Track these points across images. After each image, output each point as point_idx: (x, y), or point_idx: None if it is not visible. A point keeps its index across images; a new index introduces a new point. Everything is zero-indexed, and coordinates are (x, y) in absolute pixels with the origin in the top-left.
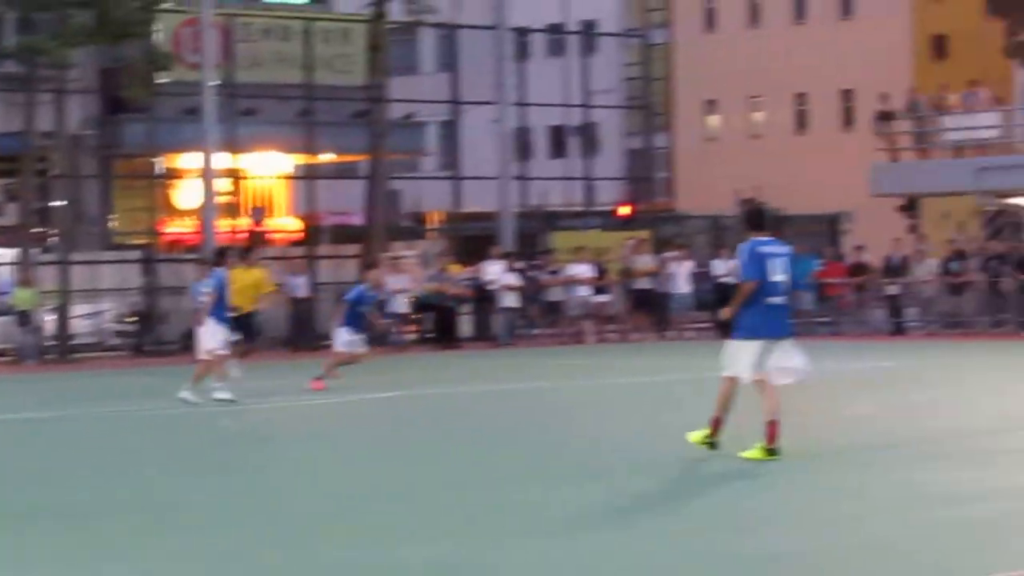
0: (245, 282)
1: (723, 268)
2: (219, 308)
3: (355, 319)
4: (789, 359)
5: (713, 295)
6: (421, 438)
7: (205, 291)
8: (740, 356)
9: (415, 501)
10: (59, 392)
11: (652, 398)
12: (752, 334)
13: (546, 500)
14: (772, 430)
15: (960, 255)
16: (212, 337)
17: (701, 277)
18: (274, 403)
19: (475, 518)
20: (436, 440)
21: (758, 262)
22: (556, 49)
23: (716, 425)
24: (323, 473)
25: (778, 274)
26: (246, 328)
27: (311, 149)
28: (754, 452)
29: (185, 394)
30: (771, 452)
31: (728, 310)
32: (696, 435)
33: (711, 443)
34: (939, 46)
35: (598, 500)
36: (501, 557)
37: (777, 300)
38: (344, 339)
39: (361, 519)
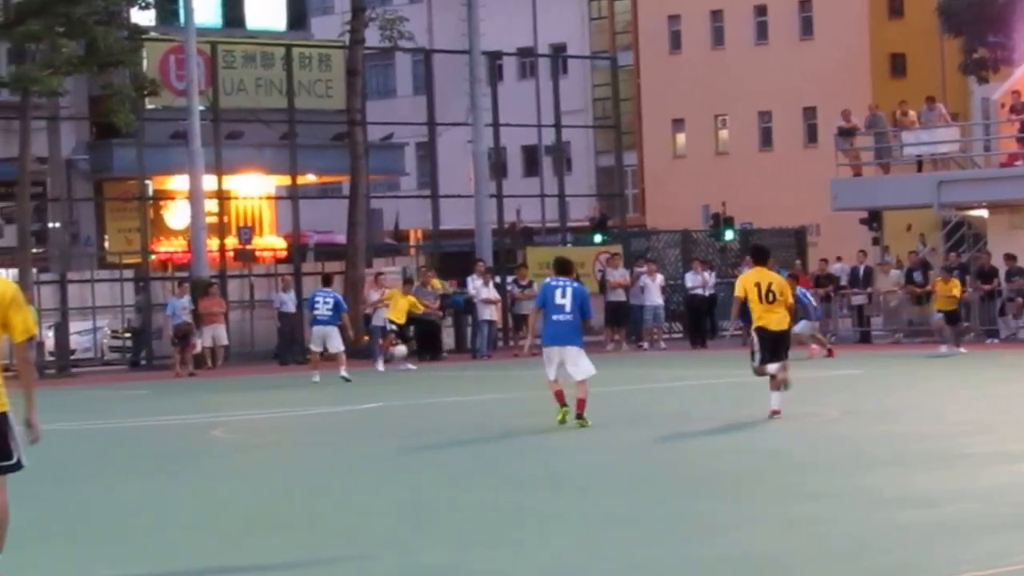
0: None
1: (694, 281)
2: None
3: None
4: (575, 363)
5: (685, 306)
6: (399, 448)
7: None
8: (545, 362)
9: (427, 505)
10: (57, 405)
11: (620, 407)
12: (545, 342)
13: (508, 504)
14: (580, 405)
15: (923, 266)
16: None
17: (672, 289)
18: (270, 413)
19: (471, 522)
20: (413, 449)
21: (544, 293)
22: (527, 72)
23: (559, 399)
24: (322, 481)
25: (560, 299)
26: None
27: (293, 171)
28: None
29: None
30: (581, 421)
31: (529, 338)
32: (559, 415)
33: (564, 417)
34: (896, 64)
35: (560, 506)
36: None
37: (560, 317)
38: None
39: (370, 525)
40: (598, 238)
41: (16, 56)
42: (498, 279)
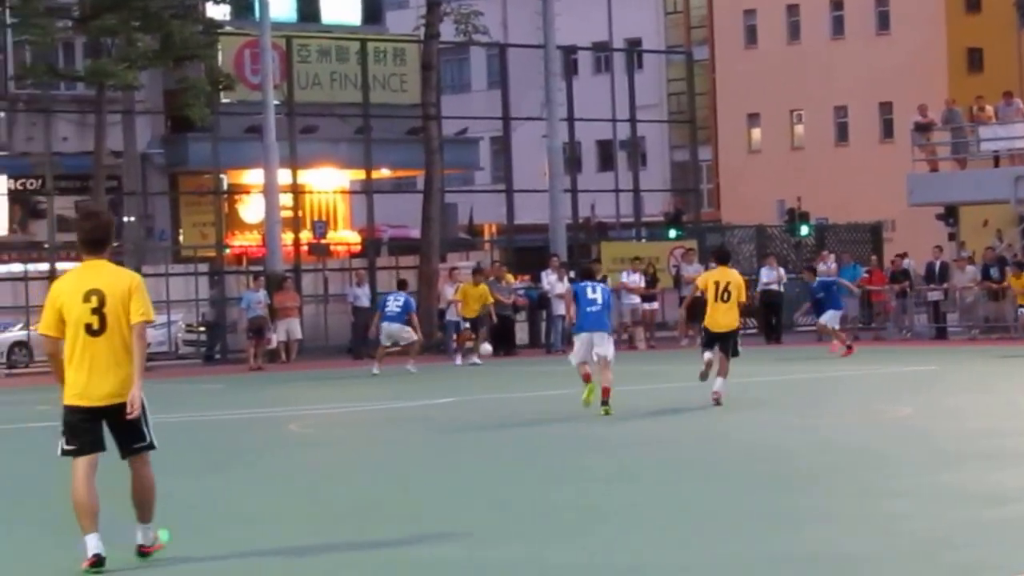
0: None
1: (769, 276)
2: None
3: None
4: (604, 345)
5: (760, 302)
6: (473, 442)
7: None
8: (577, 347)
9: (503, 499)
10: None
11: (694, 402)
12: (578, 330)
13: (583, 499)
14: (606, 393)
15: (999, 262)
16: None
17: (747, 285)
18: (345, 407)
19: (547, 516)
20: (487, 443)
21: (576, 292)
22: (602, 66)
23: (586, 379)
24: (389, 477)
25: (591, 295)
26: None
27: (368, 165)
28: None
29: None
30: (606, 408)
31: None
32: (595, 400)
33: (589, 399)
34: (974, 58)
35: (635, 500)
36: (549, 554)
37: (592, 309)
38: None
39: (438, 518)
40: (673, 233)
41: (92, 50)
42: (572, 274)
